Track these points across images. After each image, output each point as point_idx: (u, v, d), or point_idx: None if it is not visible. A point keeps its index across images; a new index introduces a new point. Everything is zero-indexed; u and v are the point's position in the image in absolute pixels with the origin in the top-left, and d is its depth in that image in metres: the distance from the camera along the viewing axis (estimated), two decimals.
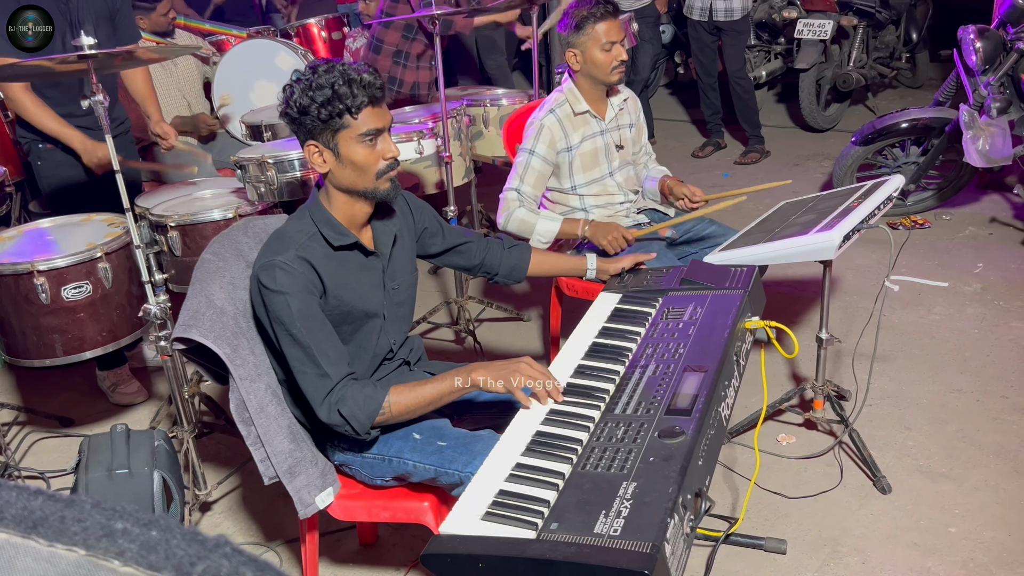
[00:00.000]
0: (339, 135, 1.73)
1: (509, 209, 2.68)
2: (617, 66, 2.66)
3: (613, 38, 2.62)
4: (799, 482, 2.50)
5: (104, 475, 2.23)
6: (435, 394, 1.73)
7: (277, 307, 1.70)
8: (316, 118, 1.70)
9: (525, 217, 2.66)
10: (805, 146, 5.73)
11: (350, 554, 2.38)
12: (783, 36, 5.97)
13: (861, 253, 3.87)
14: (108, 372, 3.23)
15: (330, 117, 1.70)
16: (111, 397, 3.23)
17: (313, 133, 1.74)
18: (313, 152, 1.77)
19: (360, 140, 1.73)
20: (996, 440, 2.61)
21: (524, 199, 2.69)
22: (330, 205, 1.82)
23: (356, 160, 1.74)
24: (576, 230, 2.65)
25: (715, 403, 1.65)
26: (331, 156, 1.76)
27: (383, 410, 1.71)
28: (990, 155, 3.70)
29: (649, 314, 2.04)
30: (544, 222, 2.65)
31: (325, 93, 1.68)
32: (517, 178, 2.70)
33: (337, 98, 1.68)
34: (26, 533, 0.40)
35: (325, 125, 1.71)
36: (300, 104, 1.71)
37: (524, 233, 2.67)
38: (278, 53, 3.92)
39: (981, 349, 3.11)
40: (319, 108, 1.69)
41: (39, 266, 2.50)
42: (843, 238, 2.21)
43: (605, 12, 2.61)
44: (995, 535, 2.24)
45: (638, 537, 1.25)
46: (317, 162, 1.78)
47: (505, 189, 2.71)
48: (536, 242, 2.65)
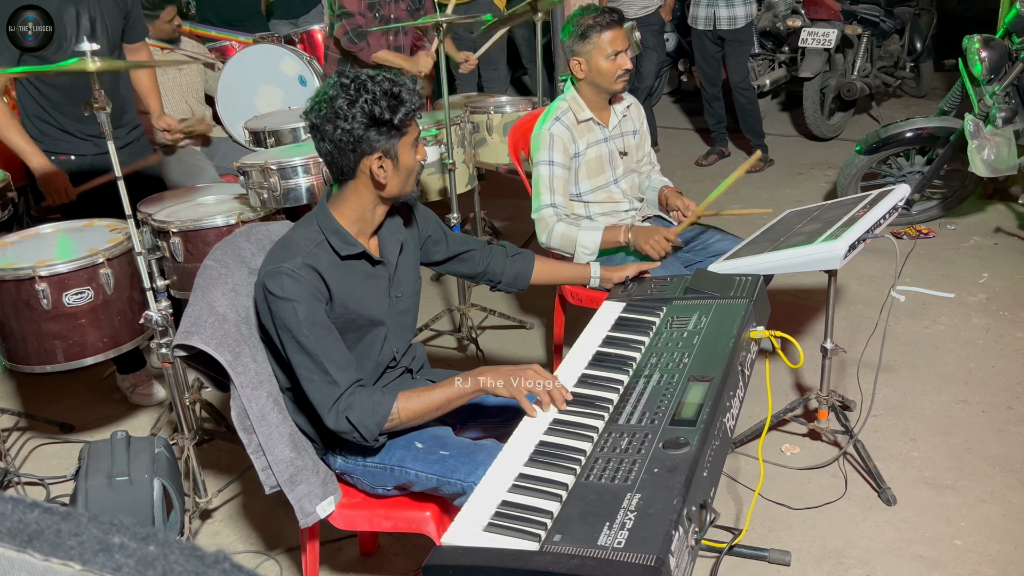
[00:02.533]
0: (400, 142, 1.73)
1: (548, 225, 2.65)
2: (622, 75, 2.65)
3: (618, 47, 2.61)
4: (803, 493, 2.49)
5: (104, 482, 2.22)
6: (443, 399, 1.72)
7: (284, 314, 1.69)
8: (382, 123, 1.68)
9: (566, 232, 2.63)
10: (809, 155, 5.73)
11: (351, 563, 2.37)
12: (787, 45, 5.97)
13: (866, 263, 3.86)
14: (128, 375, 3.23)
15: (399, 124, 1.70)
16: (131, 398, 3.23)
17: (375, 145, 1.70)
18: (378, 164, 1.73)
19: (412, 145, 1.76)
20: (1002, 452, 2.59)
21: (559, 211, 2.67)
22: (339, 214, 1.81)
23: (409, 166, 1.77)
24: (619, 237, 2.62)
25: (720, 413, 1.63)
26: (390, 165, 1.74)
27: (392, 416, 1.70)
28: (995, 165, 3.69)
29: (653, 323, 2.02)
30: (586, 234, 2.63)
31: (387, 101, 1.67)
32: (547, 193, 2.66)
33: (400, 103, 1.69)
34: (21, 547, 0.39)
35: (387, 132, 1.70)
36: (368, 111, 1.67)
37: (567, 249, 2.65)
38: (283, 58, 3.92)
39: (986, 360, 3.10)
40: (389, 114, 1.68)
41: (40, 271, 2.49)
42: (849, 248, 2.20)
43: (610, 21, 2.60)
44: (1001, 547, 2.22)
45: (642, 549, 1.23)
46: (380, 175, 1.73)
47: (538, 208, 2.67)
48: (581, 255, 2.62)
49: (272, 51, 3.97)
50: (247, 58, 3.94)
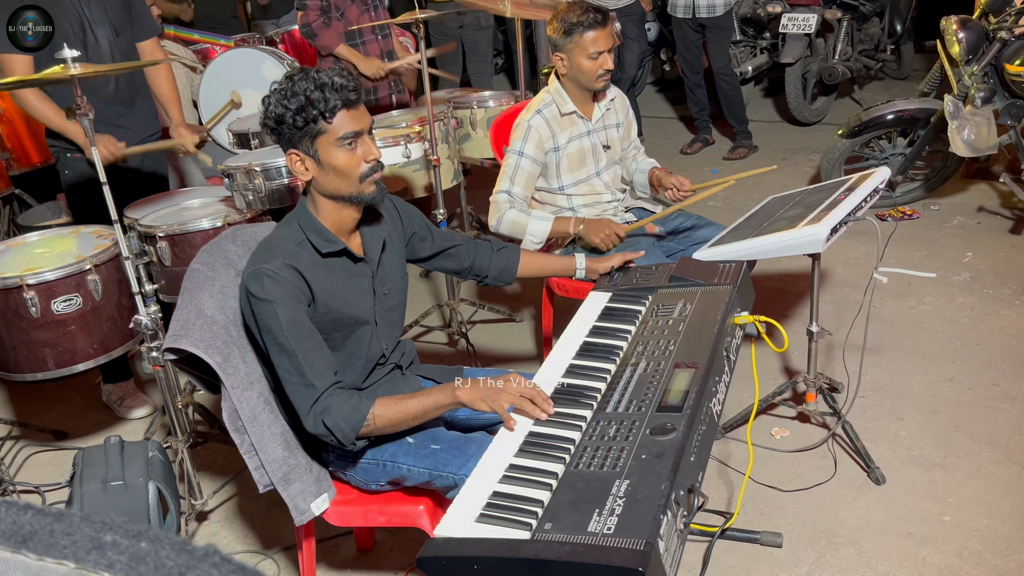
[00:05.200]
0: (317, 141, 1.73)
1: (500, 211, 2.69)
2: (602, 74, 2.67)
3: (601, 47, 2.63)
4: (793, 475, 2.52)
5: (99, 487, 2.22)
6: (420, 409, 1.73)
7: (265, 315, 1.70)
8: (292, 126, 1.71)
9: (516, 218, 2.67)
10: (792, 140, 5.75)
11: (347, 560, 2.38)
12: (768, 31, 5.99)
13: (850, 246, 3.89)
14: (114, 386, 3.20)
15: (305, 123, 1.70)
16: (117, 411, 3.19)
17: (293, 142, 1.75)
18: (295, 161, 1.77)
19: (339, 144, 1.73)
20: (988, 428, 2.62)
21: (515, 200, 2.69)
22: (317, 212, 1.82)
23: (337, 165, 1.74)
24: (568, 228, 2.65)
25: (706, 399, 1.65)
26: (312, 163, 1.76)
27: (367, 422, 1.70)
28: (975, 145, 3.72)
29: (639, 312, 2.04)
30: (536, 222, 2.66)
31: (299, 100, 1.69)
32: (507, 179, 2.71)
33: (310, 104, 1.68)
34: (16, 548, 0.40)
35: (303, 132, 1.72)
36: (276, 114, 1.72)
37: (516, 234, 2.68)
38: (264, 63, 3.91)
39: (971, 338, 3.13)
40: (294, 116, 1.70)
41: (28, 280, 2.49)
42: (830, 231, 2.22)
43: (594, 21, 2.60)
44: (988, 523, 2.25)
45: (632, 535, 1.25)
46: (300, 170, 1.78)
47: (495, 191, 2.72)
48: (529, 243, 2.65)
49: (253, 55, 3.96)
50: (228, 62, 3.93)
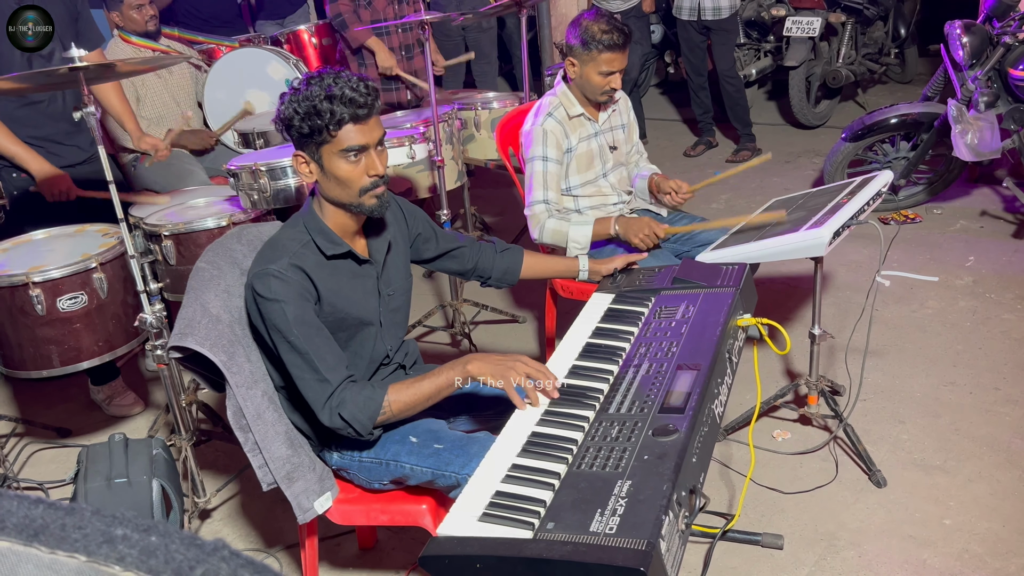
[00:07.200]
0: (322, 149, 1.74)
1: (540, 221, 2.69)
2: (608, 91, 2.69)
3: (614, 68, 2.64)
4: (795, 477, 2.52)
5: (103, 485, 2.23)
6: (433, 389, 1.74)
7: (273, 315, 1.71)
8: (299, 130, 1.72)
9: (557, 227, 2.67)
10: (796, 143, 5.75)
11: (350, 558, 2.39)
12: (772, 34, 6.00)
13: (853, 249, 3.89)
14: (102, 387, 3.21)
15: (311, 131, 1.71)
16: (107, 410, 3.21)
17: (299, 144, 1.76)
18: (300, 162, 1.79)
19: (343, 156, 1.73)
20: (989, 432, 2.63)
21: (551, 208, 2.70)
22: (323, 214, 1.84)
23: (339, 175, 1.75)
24: (608, 229, 2.66)
25: (708, 400, 1.66)
26: (316, 168, 1.77)
27: (383, 410, 1.72)
28: (979, 149, 3.72)
29: (642, 313, 2.05)
30: (576, 228, 2.66)
31: (306, 107, 1.69)
32: (540, 188, 2.70)
33: (316, 114, 1.69)
34: (28, 541, 0.41)
35: (308, 138, 1.73)
36: (286, 115, 1.73)
37: (558, 243, 2.69)
38: (270, 62, 3.92)
39: (973, 342, 3.13)
40: (301, 121, 1.71)
41: (34, 277, 2.50)
42: (833, 234, 2.23)
43: (614, 43, 2.59)
44: (989, 526, 2.26)
45: (633, 535, 1.26)
46: (304, 172, 1.80)
47: (530, 204, 2.71)
48: (573, 249, 2.66)
49: (258, 55, 3.97)
50: (233, 62, 3.94)
